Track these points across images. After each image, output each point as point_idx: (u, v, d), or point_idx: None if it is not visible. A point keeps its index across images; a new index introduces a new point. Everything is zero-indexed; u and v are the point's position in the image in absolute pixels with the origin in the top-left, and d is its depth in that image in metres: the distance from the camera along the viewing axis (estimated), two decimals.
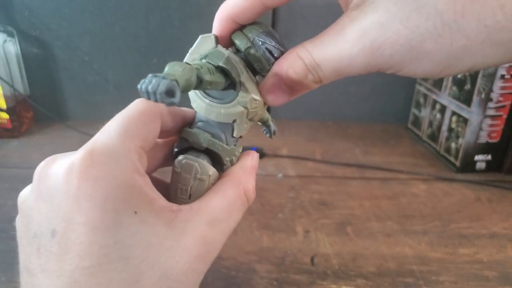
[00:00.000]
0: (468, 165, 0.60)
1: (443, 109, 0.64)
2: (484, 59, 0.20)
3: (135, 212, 0.19)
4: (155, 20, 0.72)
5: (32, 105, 0.74)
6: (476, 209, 0.51)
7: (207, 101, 0.24)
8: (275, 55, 0.24)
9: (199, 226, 0.21)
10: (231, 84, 0.24)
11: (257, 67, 0.24)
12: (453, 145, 0.61)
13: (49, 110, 0.73)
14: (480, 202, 0.53)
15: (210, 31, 0.26)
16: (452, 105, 0.61)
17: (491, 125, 0.57)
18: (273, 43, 0.24)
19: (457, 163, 0.60)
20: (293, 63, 0.23)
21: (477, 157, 0.59)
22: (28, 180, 0.22)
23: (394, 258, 0.41)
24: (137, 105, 0.22)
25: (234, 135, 0.25)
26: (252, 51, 0.24)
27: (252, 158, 0.26)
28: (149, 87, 0.16)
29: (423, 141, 0.70)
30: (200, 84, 0.20)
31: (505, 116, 0.56)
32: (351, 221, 0.47)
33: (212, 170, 0.24)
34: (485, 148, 0.59)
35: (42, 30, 0.72)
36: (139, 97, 0.20)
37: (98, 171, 0.19)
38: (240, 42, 0.24)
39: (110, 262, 0.18)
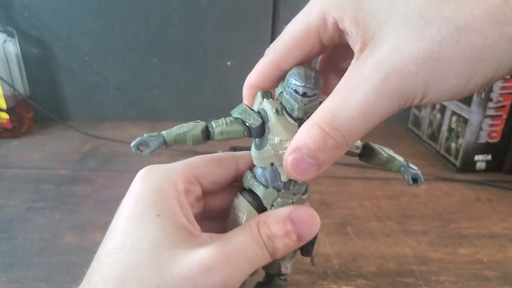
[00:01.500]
0: (468, 165, 0.60)
1: (443, 109, 0.64)
2: (508, 55, 0.19)
3: (158, 215, 0.22)
4: (155, 20, 0.72)
5: (32, 105, 0.74)
6: (476, 209, 0.51)
7: (253, 147, 0.26)
8: (300, 93, 0.23)
9: (205, 254, 0.21)
10: (264, 131, 0.25)
11: (288, 109, 0.24)
12: (453, 145, 0.61)
13: (49, 110, 0.73)
14: (480, 202, 0.53)
15: (209, 31, 0.26)
16: (452, 105, 0.61)
17: (491, 125, 0.57)
18: (298, 82, 0.23)
19: (457, 163, 0.60)
20: (309, 132, 0.21)
21: (477, 157, 0.59)
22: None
23: (394, 258, 0.41)
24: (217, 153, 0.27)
25: (282, 179, 0.25)
26: (283, 95, 0.24)
27: (296, 209, 0.24)
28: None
29: (423, 141, 0.70)
30: (210, 137, 0.24)
31: (505, 116, 0.56)
32: (352, 221, 0.47)
33: (247, 209, 0.25)
34: (485, 148, 0.59)
35: (42, 30, 0.72)
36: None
37: (147, 176, 0.24)
38: (276, 91, 0.25)
39: (123, 247, 0.21)
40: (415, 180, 0.27)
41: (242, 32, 0.72)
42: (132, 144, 0.22)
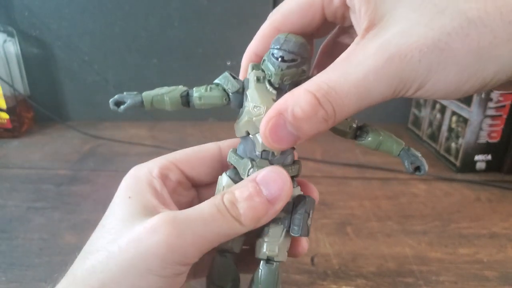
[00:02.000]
0: (468, 165, 0.60)
1: (443, 109, 0.64)
2: (511, 59, 0.19)
3: (129, 197, 0.24)
4: (155, 20, 0.72)
5: (32, 105, 0.74)
6: (476, 209, 0.51)
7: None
8: (276, 56, 0.22)
9: (154, 218, 0.21)
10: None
11: (267, 76, 0.23)
12: (453, 145, 0.61)
13: (49, 110, 0.73)
14: (480, 202, 0.53)
15: (209, 31, 0.26)
16: (452, 105, 0.61)
17: (491, 125, 0.57)
18: (275, 45, 0.22)
19: (457, 163, 0.60)
20: (299, 99, 0.20)
21: (477, 157, 0.59)
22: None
23: (394, 258, 0.41)
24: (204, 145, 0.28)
25: (257, 149, 0.24)
26: (265, 62, 0.23)
27: (260, 171, 0.23)
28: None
29: (423, 141, 0.70)
30: (188, 99, 0.24)
31: (505, 116, 0.56)
32: (351, 221, 0.47)
33: (227, 183, 0.25)
34: (485, 148, 0.59)
35: (42, 30, 0.72)
36: None
37: (131, 170, 0.26)
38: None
39: (97, 228, 0.24)
40: (417, 168, 0.24)
41: (242, 32, 0.72)
42: (110, 100, 0.23)
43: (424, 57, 0.19)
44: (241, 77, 0.26)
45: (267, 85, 0.23)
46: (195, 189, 0.29)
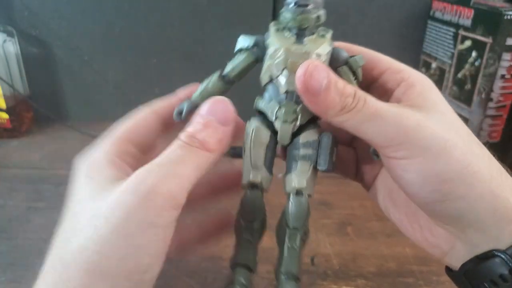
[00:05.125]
0: None
1: None
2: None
3: (86, 176, 0.23)
4: (155, 20, 0.72)
5: (32, 105, 0.74)
6: None
7: None
8: (292, 3, 0.24)
9: (131, 177, 0.21)
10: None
11: (285, 24, 0.25)
12: None
13: (49, 110, 0.73)
14: None
15: (209, 31, 0.27)
16: (453, 104, 0.61)
17: (492, 125, 0.57)
18: None
19: None
20: (338, 79, 0.22)
21: None
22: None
23: (395, 258, 0.41)
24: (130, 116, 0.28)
25: (281, 91, 0.25)
26: (282, 13, 0.25)
27: (207, 103, 0.24)
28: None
29: None
30: (226, 77, 0.27)
31: (505, 116, 0.56)
32: (352, 221, 0.47)
33: (255, 125, 0.26)
34: None
35: (42, 30, 0.72)
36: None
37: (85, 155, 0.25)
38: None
39: (71, 211, 0.23)
40: (376, 154, 0.26)
41: (242, 32, 0.72)
42: (174, 114, 0.26)
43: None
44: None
45: (286, 33, 0.25)
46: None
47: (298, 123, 0.25)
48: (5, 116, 0.68)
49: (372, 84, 0.27)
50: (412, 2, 0.70)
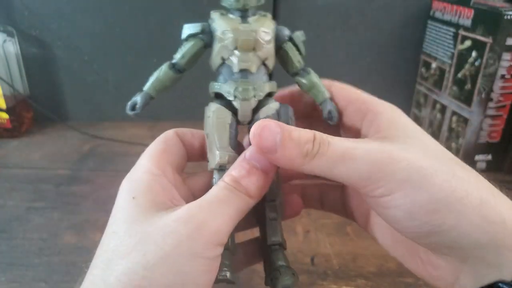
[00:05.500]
0: (468, 165, 0.59)
1: (443, 109, 0.64)
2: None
3: (133, 198, 0.23)
4: (155, 20, 0.72)
5: (32, 105, 0.74)
6: None
7: None
8: None
9: (180, 211, 0.22)
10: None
11: (228, 6, 0.26)
12: (453, 145, 0.61)
13: (49, 110, 0.73)
14: None
15: None
16: (453, 105, 0.61)
17: (492, 125, 0.57)
18: None
19: None
20: (292, 130, 0.22)
21: (477, 157, 0.59)
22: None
23: (395, 258, 0.41)
24: (160, 137, 0.28)
25: (235, 70, 0.26)
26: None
27: (248, 149, 0.24)
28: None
29: None
30: (177, 65, 0.27)
31: (505, 116, 0.56)
32: (352, 221, 0.47)
33: (215, 107, 0.26)
34: (485, 148, 0.59)
35: (42, 30, 0.72)
36: None
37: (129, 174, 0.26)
38: None
39: (106, 235, 0.23)
40: (330, 118, 0.26)
41: None
42: (127, 108, 0.26)
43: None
44: None
45: (231, 15, 0.26)
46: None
47: (256, 98, 0.25)
48: (5, 116, 0.68)
49: (340, 116, 0.27)
50: (412, 2, 0.70)
